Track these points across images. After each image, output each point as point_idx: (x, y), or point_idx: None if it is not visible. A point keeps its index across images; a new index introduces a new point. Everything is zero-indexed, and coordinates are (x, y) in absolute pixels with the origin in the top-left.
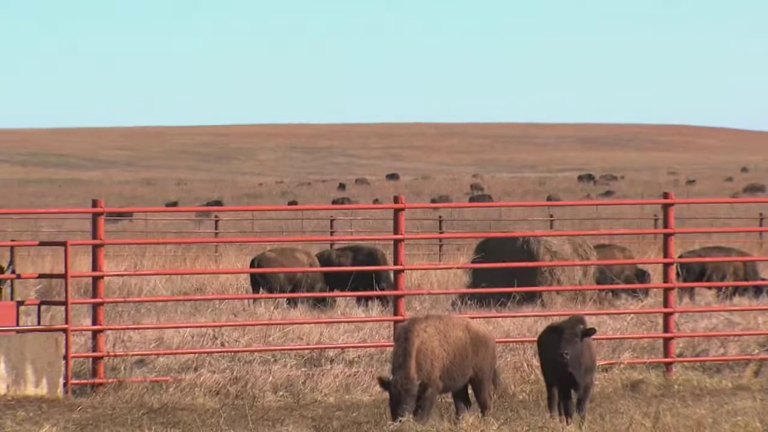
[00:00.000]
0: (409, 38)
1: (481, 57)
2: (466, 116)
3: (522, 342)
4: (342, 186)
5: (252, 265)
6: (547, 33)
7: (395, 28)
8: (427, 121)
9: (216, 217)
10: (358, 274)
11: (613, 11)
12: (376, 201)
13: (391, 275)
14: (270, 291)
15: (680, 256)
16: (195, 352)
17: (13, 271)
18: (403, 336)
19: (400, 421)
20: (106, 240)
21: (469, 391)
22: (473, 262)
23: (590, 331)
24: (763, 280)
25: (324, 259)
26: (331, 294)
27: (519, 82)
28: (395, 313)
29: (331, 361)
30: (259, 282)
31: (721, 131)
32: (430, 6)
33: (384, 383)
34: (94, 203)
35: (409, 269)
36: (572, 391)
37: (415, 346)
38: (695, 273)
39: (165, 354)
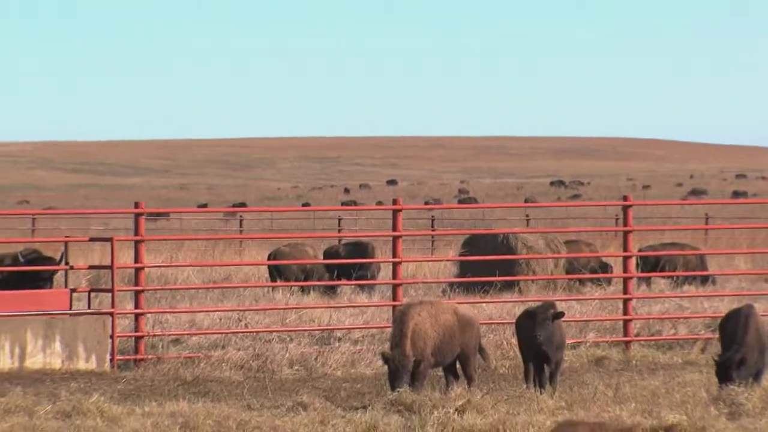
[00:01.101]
0: (406, 63)
1: (466, 78)
2: (453, 130)
3: (502, 324)
4: (347, 190)
5: (269, 258)
6: (523, 57)
7: (395, 54)
8: (420, 134)
9: (240, 217)
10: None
11: (578, 39)
12: (380, 203)
13: (374, 267)
14: (286, 280)
15: (639, 250)
16: (222, 333)
17: (67, 263)
18: (399, 318)
19: (398, 391)
20: (147, 236)
21: (457, 366)
22: (460, 255)
23: (560, 315)
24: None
25: (332, 253)
26: (337, 282)
27: (499, 100)
28: (394, 299)
29: (339, 340)
30: (276, 272)
31: (671, 143)
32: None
33: (385, 358)
34: (136, 205)
35: (405, 261)
36: (545, 366)
37: (410, 328)
38: (651, 264)
39: (196, 334)
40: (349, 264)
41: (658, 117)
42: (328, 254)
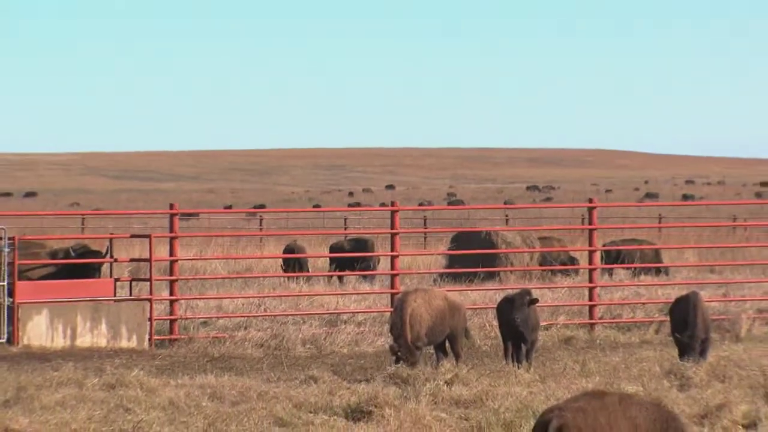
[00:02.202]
0: (405, 83)
1: (455, 98)
2: (443, 143)
3: (485, 308)
4: (352, 194)
5: (284, 252)
6: (504, 79)
7: (395, 75)
8: (415, 146)
9: (260, 216)
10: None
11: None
12: (383, 204)
13: (375, 259)
14: (300, 270)
15: (603, 245)
16: (245, 316)
17: (111, 256)
18: (399, 306)
19: (395, 366)
20: (180, 233)
21: (447, 344)
22: (449, 249)
23: (535, 301)
24: (663, 263)
25: (338, 248)
26: (342, 273)
27: (483, 117)
28: (392, 287)
29: (345, 322)
30: (290, 263)
31: (629, 153)
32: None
33: (393, 349)
34: (171, 206)
35: (402, 255)
36: (522, 345)
37: (409, 314)
38: (612, 257)
39: (222, 317)
40: (353, 257)
41: (618, 131)
42: (335, 248)
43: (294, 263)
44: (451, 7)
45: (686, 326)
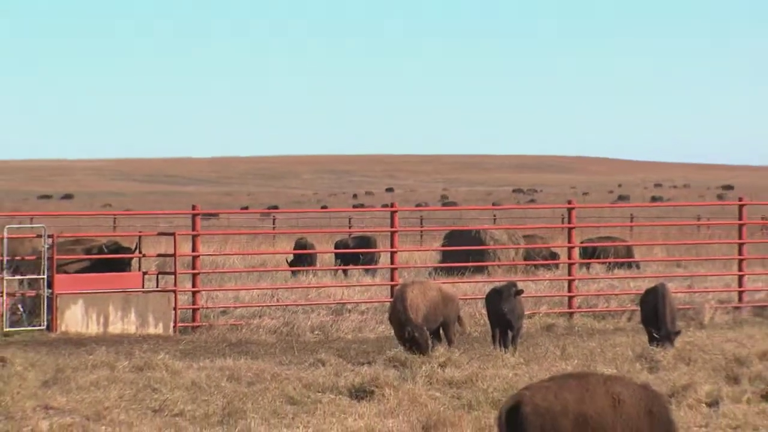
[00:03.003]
0: (404, 96)
1: (447, 109)
2: (438, 150)
3: (475, 299)
4: (356, 196)
5: (294, 247)
6: (491, 92)
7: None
8: (412, 153)
9: (274, 216)
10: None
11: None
12: (385, 205)
13: (376, 255)
14: (310, 264)
15: (581, 242)
16: (259, 306)
17: (140, 252)
18: (400, 297)
19: (394, 351)
20: (201, 232)
21: (440, 331)
22: (443, 246)
23: (520, 292)
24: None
25: (343, 244)
26: (346, 267)
27: (474, 127)
28: (391, 280)
29: (349, 311)
30: (301, 257)
31: (604, 160)
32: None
33: (401, 336)
34: (193, 207)
35: (400, 251)
36: (508, 331)
37: (409, 302)
38: (589, 253)
39: (239, 306)
40: (356, 252)
41: (594, 140)
42: (340, 245)
43: (304, 257)
44: (447, 28)
45: (656, 316)
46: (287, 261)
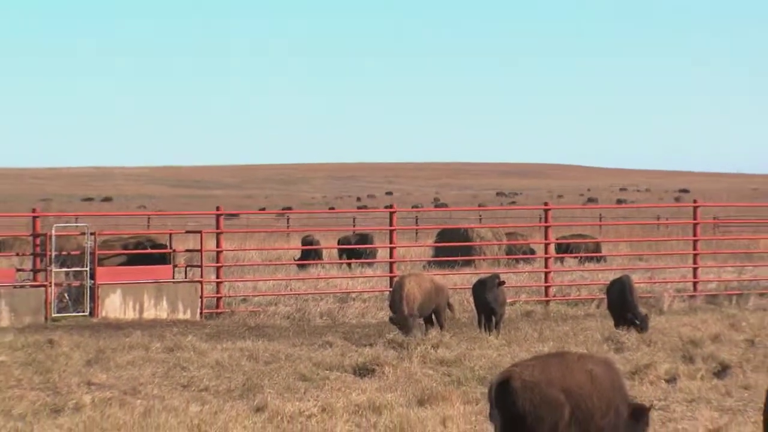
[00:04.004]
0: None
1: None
2: (430, 158)
3: (463, 289)
4: (359, 199)
5: (301, 244)
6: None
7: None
8: (409, 161)
9: (288, 216)
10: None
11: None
12: (387, 206)
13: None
14: (317, 258)
15: (556, 239)
16: (275, 294)
17: (170, 248)
18: (398, 287)
19: (393, 334)
20: (224, 230)
21: (433, 317)
22: (435, 242)
23: (502, 282)
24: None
25: (347, 241)
26: (350, 261)
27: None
28: (390, 272)
29: (353, 299)
30: (309, 253)
31: (577, 167)
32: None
33: (393, 321)
34: (217, 209)
35: (398, 246)
36: (492, 317)
37: (405, 292)
38: (563, 248)
39: (257, 295)
40: (359, 248)
41: (568, 149)
42: (344, 241)
43: (311, 251)
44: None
45: (622, 304)
46: (294, 258)
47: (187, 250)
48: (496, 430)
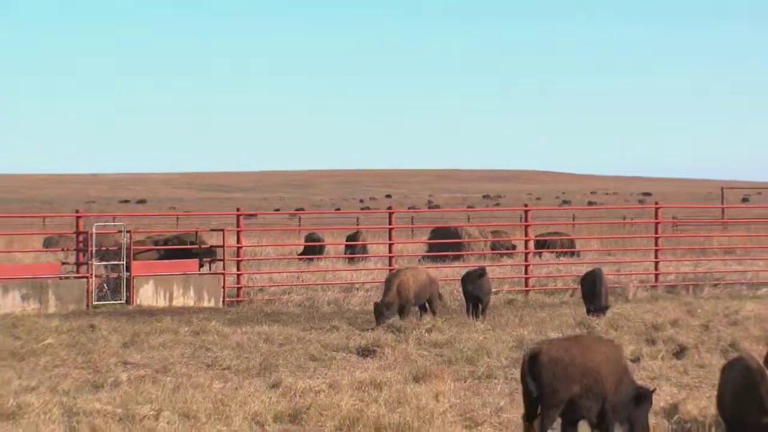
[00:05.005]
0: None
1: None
2: (425, 165)
3: (453, 280)
4: (362, 201)
5: (305, 240)
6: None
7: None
8: (405, 168)
9: (299, 216)
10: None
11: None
12: (387, 208)
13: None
14: (320, 253)
15: (535, 236)
16: (288, 285)
17: (198, 244)
18: (388, 279)
19: (385, 321)
20: (243, 228)
21: (427, 305)
22: (429, 239)
23: (485, 273)
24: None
25: (352, 237)
26: (354, 255)
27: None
28: (389, 265)
29: (357, 289)
30: (315, 248)
31: (553, 173)
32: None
33: (374, 306)
34: (237, 210)
35: (395, 243)
36: (479, 305)
37: (395, 285)
38: (541, 244)
39: (273, 285)
40: (355, 244)
41: (544, 156)
42: (351, 237)
43: (315, 246)
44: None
45: (594, 293)
46: (297, 253)
47: (211, 246)
48: (528, 394)
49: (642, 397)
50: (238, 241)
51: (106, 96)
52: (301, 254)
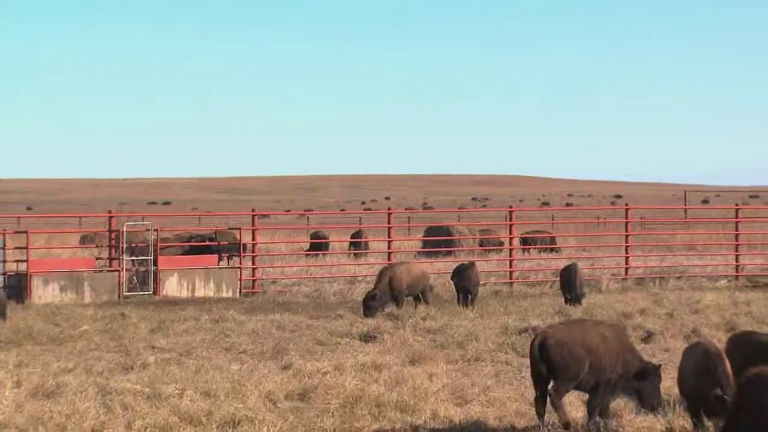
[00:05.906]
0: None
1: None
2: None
3: (445, 273)
4: (364, 202)
5: (311, 238)
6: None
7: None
8: (403, 173)
9: (308, 216)
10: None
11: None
12: (387, 208)
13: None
14: (324, 250)
15: (520, 234)
16: (298, 278)
17: (216, 241)
18: (380, 272)
19: (373, 311)
20: (258, 227)
21: (421, 296)
22: (423, 237)
23: (476, 268)
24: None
25: (355, 235)
26: (356, 251)
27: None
28: (388, 260)
29: (359, 282)
30: (320, 245)
31: (535, 178)
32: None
33: (367, 295)
34: (252, 210)
35: (394, 240)
36: (468, 295)
37: (387, 277)
38: (525, 241)
39: (284, 278)
40: (354, 241)
41: (527, 163)
42: (354, 235)
43: (322, 243)
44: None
45: (571, 285)
46: (304, 249)
47: (230, 243)
48: (537, 375)
49: (646, 371)
50: (253, 238)
51: (139, 108)
52: (309, 250)
